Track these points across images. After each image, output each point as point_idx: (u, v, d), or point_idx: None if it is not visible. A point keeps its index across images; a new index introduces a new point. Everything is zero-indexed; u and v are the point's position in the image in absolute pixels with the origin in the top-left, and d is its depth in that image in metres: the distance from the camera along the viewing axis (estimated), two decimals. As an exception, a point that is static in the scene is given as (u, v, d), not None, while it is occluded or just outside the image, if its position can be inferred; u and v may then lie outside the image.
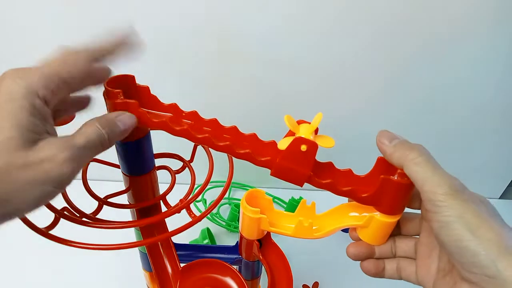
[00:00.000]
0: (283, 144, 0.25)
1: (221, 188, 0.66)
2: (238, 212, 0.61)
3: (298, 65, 0.57)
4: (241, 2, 0.52)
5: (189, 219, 0.31)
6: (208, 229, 0.58)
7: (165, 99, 0.29)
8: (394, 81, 0.59)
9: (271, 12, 0.52)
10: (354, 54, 0.56)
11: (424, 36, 0.54)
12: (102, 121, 0.24)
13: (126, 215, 0.37)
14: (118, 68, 0.27)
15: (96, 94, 0.27)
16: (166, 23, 0.53)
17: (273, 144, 0.28)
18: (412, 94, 0.60)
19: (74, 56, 0.23)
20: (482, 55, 0.56)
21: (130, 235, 0.36)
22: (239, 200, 0.67)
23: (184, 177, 0.37)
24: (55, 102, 0.23)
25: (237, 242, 0.38)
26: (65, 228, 0.29)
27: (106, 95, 0.26)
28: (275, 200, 0.67)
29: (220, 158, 0.33)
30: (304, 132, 0.25)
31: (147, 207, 0.34)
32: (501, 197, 0.74)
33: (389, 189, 0.25)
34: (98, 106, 0.28)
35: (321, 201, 0.32)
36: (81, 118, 0.26)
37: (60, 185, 0.22)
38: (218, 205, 0.65)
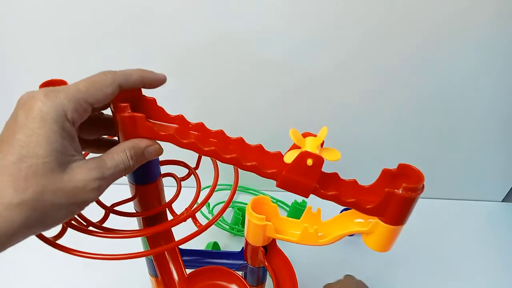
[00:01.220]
0: (289, 157, 0.26)
1: (225, 192, 0.67)
2: (241, 216, 0.61)
3: (300, 70, 0.57)
4: (246, 12, 0.52)
5: (194, 226, 0.31)
6: (215, 243, 0.58)
7: (171, 110, 0.29)
8: (396, 83, 0.59)
9: (275, 18, 0.52)
10: (355, 58, 0.56)
11: (425, 36, 0.54)
12: (132, 151, 0.26)
13: (133, 222, 0.37)
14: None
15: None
16: (171, 35, 0.54)
17: (279, 155, 0.28)
18: (414, 96, 0.60)
19: (102, 79, 0.24)
20: (484, 56, 0.56)
21: (136, 242, 0.37)
22: (242, 203, 0.67)
23: (189, 181, 0.37)
24: (80, 122, 0.24)
25: (243, 248, 0.38)
26: (71, 235, 0.29)
27: (114, 108, 0.26)
28: (278, 203, 0.67)
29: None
30: (310, 146, 0.25)
31: (153, 215, 0.34)
32: (503, 200, 0.74)
33: (393, 201, 0.26)
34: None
35: (325, 205, 0.32)
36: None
37: (85, 205, 0.24)
38: (221, 208, 0.65)
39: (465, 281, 0.59)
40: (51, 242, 0.28)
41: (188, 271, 0.35)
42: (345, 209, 0.30)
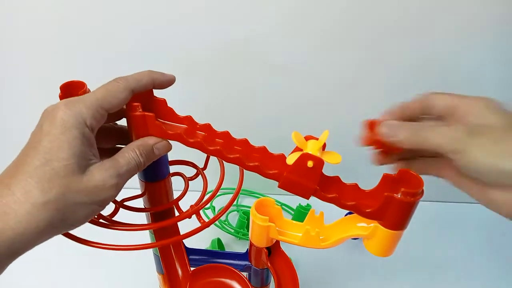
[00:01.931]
0: (290, 159, 0.26)
1: (230, 196, 0.67)
2: (247, 220, 0.62)
3: (306, 74, 0.57)
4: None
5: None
6: (218, 239, 0.59)
7: (181, 111, 0.31)
8: (399, 86, 0.57)
9: (282, 22, 0.53)
10: (360, 62, 0.56)
11: (430, 41, 0.53)
12: (141, 148, 0.27)
13: (141, 218, 0.38)
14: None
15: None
16: (181, 40, 0.55)
17: (282, 157, 0.29)
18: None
19: (115, 86, 0.26)
20: (487, 57, 0.55)
21: (144, 238, 0.38)
22: (248, 207, 0.68)
23: (197, 184, 0.38)
24: (97, 128, 0.26)
25: (248, 249, 0.39)
26: (80, 230, 0.30)
27: (126, 108, 0.27)
28: (283, 207, 0.68)
29: (232, 165, 0.34)
30: (312, 148, 0.26)
31: (161, 211, 0.36)
32: None
33: (392, 206, 0.26)
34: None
35: (329, 208, 0.33)
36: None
37: (105, 204, 0.26)
38: (227, 212, 0.66)
39: (471, 285, 0.58)
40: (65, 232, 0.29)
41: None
42: (349, 213, 0.31)
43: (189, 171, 0.38)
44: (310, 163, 0.26)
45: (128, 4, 0.53)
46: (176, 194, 0.37)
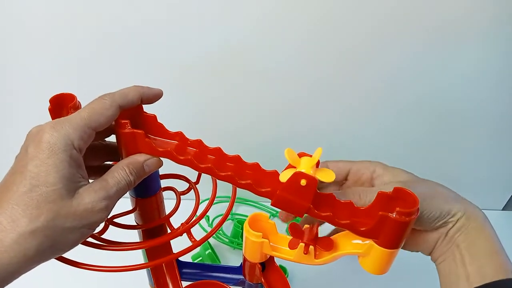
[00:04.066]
0: (284, 176, 0.26)
1: (225, 204, 0.66)
2: (241, 228, 0.61)
3: (297, 78, 0.56)
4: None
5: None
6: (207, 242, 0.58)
7: (171, 126, 0.30)
8: (392, 90, 0.57)
9: (268, 27, 0.52)
10: (353, 61, 0.55)
11: (422, 38, 0.53)
12: (131, 167, 0.27)
13: (132, 233, 0.37)
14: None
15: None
16: (166, 51, 0.54)
17: (275, 174, 0.28)
18: (414, 104, 0.59)
19: (101, 103, 0.25)
20: (482, 60, 0.54)
21: (135, 252, 0.37)
22: (242, 215, 0.67)
23: (191, 194, 0.37)
24: (85, 148, 0.25)
25: (242, 263, 0.38)
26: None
27: (115, 125, 0.27)
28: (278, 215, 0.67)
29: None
30: (305, 166, 0.25)
31: (152, 227, 0.35)
32: (504, 209, 0.72)
33: (387, 225, 0.26)
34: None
35: (324, 223, 0.32)
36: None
37: (96, 226, 0.25)
38: (220, 221, 0.65)
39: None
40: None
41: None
42: None
43: (182, 184, 0.38)
44: (303, 182, 0.25)
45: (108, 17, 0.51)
46: (167, 204, 0.36)
